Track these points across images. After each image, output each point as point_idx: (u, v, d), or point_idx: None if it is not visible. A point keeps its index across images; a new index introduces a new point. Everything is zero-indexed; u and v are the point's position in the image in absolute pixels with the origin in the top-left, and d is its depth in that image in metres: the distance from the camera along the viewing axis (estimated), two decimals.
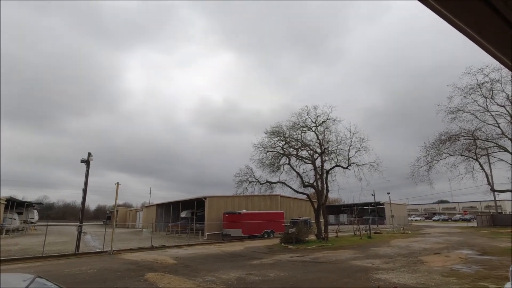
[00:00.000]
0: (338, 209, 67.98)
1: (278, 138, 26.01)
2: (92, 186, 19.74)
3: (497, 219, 43.27)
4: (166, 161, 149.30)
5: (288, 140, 26.04)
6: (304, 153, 26.55)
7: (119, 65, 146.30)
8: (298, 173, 25.83)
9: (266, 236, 29.99)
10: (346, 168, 25.28)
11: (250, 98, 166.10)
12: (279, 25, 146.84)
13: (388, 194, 51.31)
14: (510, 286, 5.08)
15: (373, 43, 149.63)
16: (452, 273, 10.79)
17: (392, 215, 49.16)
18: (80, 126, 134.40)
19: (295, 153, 26.28)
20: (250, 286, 9.46)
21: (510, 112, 20.54)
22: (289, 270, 12.13)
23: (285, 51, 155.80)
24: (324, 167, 25.68)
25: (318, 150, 25.85)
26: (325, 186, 25.27)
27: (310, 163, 25.99)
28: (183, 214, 38.50)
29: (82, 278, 10.65)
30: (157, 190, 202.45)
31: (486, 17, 0.97)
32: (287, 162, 26.00)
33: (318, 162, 25.78)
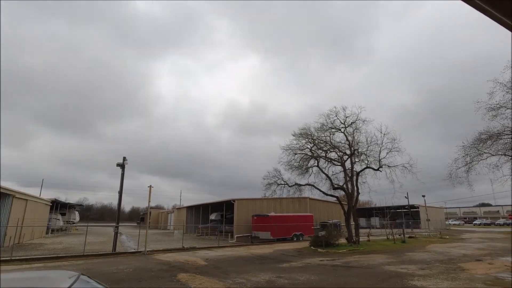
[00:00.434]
0: (369, 212, 65.85)
1: (306, 140, 25.74)
2: (126, 188, 20.70)
3: None
4: (195, 164, 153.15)
5: (316, 142, 25.69)
6: (333, 154, 26.10)
7: (151, 72, 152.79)
8: (327, 175, 25.40)
9: (295, 239, 29.73)
10: (377, 169, 24.49)
11: (277, 100, 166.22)
12: (305, 26, 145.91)
13: (423, 196, 48.84)
14: None
15: (403, 40, 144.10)
16: (496, 281, 10.06)
17: (427, 219, 46.72)
18: (115, 131, 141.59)
19: (324, 155, 25.87)
20: None
21: None
22: (319, 274, 11.94)
23: (311, 52, 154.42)
24: (354, 169, 25.05)
25: (348, 152, 25.27)
26: (355, 188, 24.62)
27: (339, 165, 25.46)
28: (213, 217, 39.14)
29: (119, 277, 11.18)
30: (187, 192, 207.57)
31: None
32: (316, 164, 25.65)
33: (347, 164, 25.21)
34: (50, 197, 38.27)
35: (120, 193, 20.84)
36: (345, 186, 24.83)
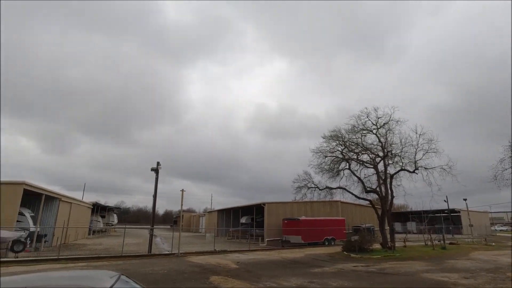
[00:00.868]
0: (405, 216, 62.83)
1: (337, 142, 25.19)
2: (160, 192, 21.50)
3: None
4: (225, 168, 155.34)
5: (347, 144, 25.06)
6: (365, 157, 25.28)
7: (182, 79, 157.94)
8: (359, 178, 24.66)
9: (326, 243, 29.14)
10: (413, 172, 23.36)
11: (305, 102, 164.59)
12: (333, 26, 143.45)
13: (464, 200, 45.74)
14: None
15: (437, 37, 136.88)
16: None
17: (470, 224, 43.69)
18: (148, 137, 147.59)
19: (355, 157, 25.15)
20: None
21: None
22: (353, 280, 11.60)
23: (340, 52, 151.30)
24: (387, 172, 24.11)
25: (381, 154, 24.38)
26: (389, 191, 23.66)
27: (372, 168, 24.62)
28: (243, 220, 39.46)
29: (155, 278, 11.60)
30: (217, 196, 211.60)
31: None
32: (347, 167, 25.01)
33: (380, 166, 24.30)
34: (91, 200, 40.70)
35: (154, 196, 21.68)
36: (378, 189, 23.96)
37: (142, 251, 20.42)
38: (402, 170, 23.86)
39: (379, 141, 24.44)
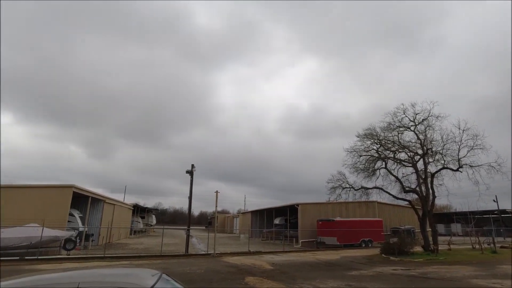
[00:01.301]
0: (448, 217, 58.99)
1: (372, 140, 24.34)
2: (194, 193, 22.17)
3: None
4: (258, 169, 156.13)
5: (383, 142, 24.12)
6: (402, 155, 24.15)
7: (212, 82, 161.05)
8: (396, 177, 23.63)
9: (363, 245, 28.26)
10: (457, 170, 21.91)
11: (337, 101, 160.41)
12: (364, 21, 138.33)
13: None
14: None
15: (480, 24, 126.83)
16: None
17: None
18: (182, 140, 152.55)
19: (392, 155, 24.13)
20: None
21: None
22: (393, 284, 11.14)
23: (373, 49, 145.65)
24: (428, 170, 22.84)
25: (420, 151, 23.17)
26: (430, 191, 22.40)
27: (410, 166, 23.47)
28: (277, 221, 39.43)
29: (192, 277, 11.98)
30: (250, 197, 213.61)
31: None
32: (383, 166, 24.05)
33: (420, 165, 23.09)
34: (132, 202, 42.96)
35: (190, 198, 22.38)
36: (418, 189, 22.78)
37: (180, 251, 21.16)
38: (444, 168, 22.49)
39: (418, 138, 23.25)
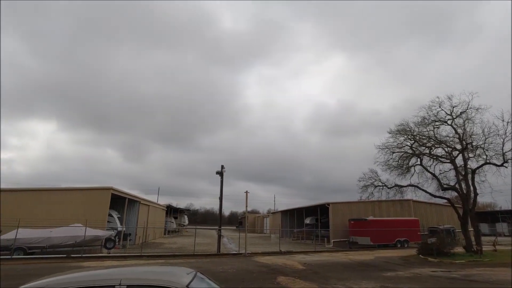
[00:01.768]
0: (493, 216, 55.04)
1: (405, 136, 23.30)
2: (225, 194, 22.53)
3: None
4: (286, 169, 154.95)
5: (417, 137, 23.01)
6: (439, 151, 22.91)
7: (239, 84, 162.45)
8: (433, 174, 22.46)
9: (399, 245, 27.22)
10: (501, 165, 20.39)
11: (367, 97, 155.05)
12: (394, 14, 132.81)
13: None
14: None
15: None
16: None
17: None
18: (211, 142, 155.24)
19: (428, 151, 22.96)
20: None
21: None
22: (432, 287, 10.63)
23: (403, 41, 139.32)
24: (468, 166, 21.48)
25: (458, 146, 21.85)
26: (471, 188, 21.06)
27: (448, 162, 22.20)
28: (307, 221, 39.04)
29: (225, 276, 12.20)
30: (280, 197, 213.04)
31: None
32: (418, 162, 22.95)
33: (459, 161, 21.77)
34: (165, 203, 44.53)
35: (220, 198, 22.79)
36: (457, 186, 21.50)
37: (212, 251, 21.61)
38: (486, 163, 21.02)
39: (456, 132, 21.93)
